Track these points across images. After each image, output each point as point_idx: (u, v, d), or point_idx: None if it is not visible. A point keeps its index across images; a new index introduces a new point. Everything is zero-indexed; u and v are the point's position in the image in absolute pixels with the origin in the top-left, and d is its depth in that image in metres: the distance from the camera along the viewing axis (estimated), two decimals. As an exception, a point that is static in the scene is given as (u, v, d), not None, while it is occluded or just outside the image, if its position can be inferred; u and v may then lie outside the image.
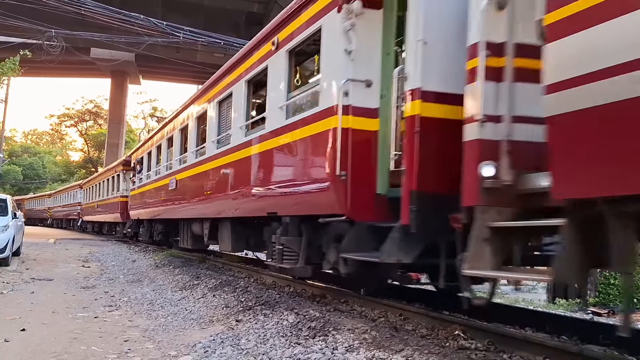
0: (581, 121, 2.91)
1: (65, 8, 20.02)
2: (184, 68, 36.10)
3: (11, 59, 19.15)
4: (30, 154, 74.30)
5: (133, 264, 13.35)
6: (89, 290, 8.80)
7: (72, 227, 38.66)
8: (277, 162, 6.93)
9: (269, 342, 4.77)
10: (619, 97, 2.65)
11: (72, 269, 11.94)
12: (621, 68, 2.63)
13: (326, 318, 5.28)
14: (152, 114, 62.17)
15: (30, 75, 44.07)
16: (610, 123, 2.74)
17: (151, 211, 15.38)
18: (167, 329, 5.78)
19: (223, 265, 11.44)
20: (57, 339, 5.18)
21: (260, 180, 7.36)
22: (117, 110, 48.78)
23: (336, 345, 4.41)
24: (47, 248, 18.03)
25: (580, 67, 2.87)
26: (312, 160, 5.97)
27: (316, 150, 5.82)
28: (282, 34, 6.75)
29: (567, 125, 3.01)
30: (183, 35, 21.78)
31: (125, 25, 21.16)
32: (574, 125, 2.97)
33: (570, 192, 3.09)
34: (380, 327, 4.96)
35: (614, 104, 2.68)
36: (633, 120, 2.59)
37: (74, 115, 68.08)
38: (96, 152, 66.47)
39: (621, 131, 2.70)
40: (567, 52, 2.98)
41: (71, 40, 24.94)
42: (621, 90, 2.62)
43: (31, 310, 6.67)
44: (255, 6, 30.61)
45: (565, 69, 2.98)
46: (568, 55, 2.98)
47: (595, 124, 2.83)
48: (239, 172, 8.06)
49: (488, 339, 4.42)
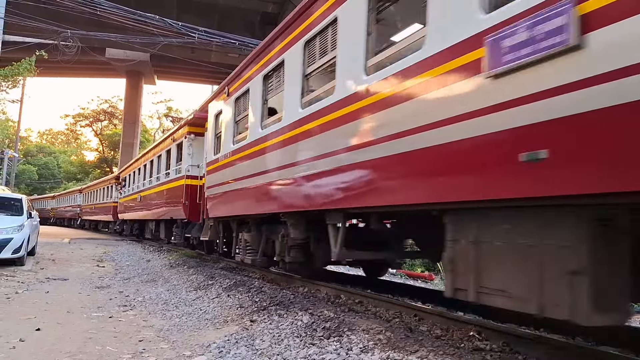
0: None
1: (81, 8, 20.22)
2: (199, 68, 36.30)
3: (27, 59, 19.37)
4: (45, 153, 75.26)
5: (147, 263, 13.42)
6: (104, 290, 8.85)
7: (72, 225, 45.28)
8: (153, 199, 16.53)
9: (283, 343, 4.75)
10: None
11: (87, 269, 12.03)
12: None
13: (340, 318, 5.24)
14: (167, 114, 62.67)
15: (45, 76, 44.57)
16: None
17: (132, 214, 23.03)
18: (181, 329, 5.78)
19: (237, 265, 11.46)
20: (72, 339, 5.20)
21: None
22: (132, 110, 49.19)
23: (351, 345, 4.37)
24: (61, 248, 18.20)
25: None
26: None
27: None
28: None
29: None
30: (198, 36, 21.89)
31: (141, 25, 21.29)
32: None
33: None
34: (395, 328, 4.92)
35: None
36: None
37: (89, 115, 68.80)
38: (111, 152, 67.11)
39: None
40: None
41: (86, 40, 25.16)
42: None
43: (46, 310, 6.71)
44: (270, 6, 30.68)
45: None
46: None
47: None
48: (148, 198, 19.26)
49: (503, 339, 4.38)
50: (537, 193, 3.22)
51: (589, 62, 2.87)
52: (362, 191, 5.17)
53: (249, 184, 8.38)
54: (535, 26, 3.18)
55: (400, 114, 4.50)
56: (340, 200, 5.58)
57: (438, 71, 4.05)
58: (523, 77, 3.27)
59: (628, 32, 2.68)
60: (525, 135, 3.23)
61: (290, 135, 6.84)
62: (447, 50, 3.97)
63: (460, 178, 3.86)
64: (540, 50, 3.13)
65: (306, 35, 6.59)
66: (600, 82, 2.80)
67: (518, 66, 3.28)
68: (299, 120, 6.59)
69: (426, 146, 4.14)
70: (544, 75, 3.12)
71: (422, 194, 4.31)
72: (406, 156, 4.42)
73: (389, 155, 4.66)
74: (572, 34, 2.94)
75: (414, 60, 4.38)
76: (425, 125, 4.14)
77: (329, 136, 5.78)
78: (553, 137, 3.07)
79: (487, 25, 3.57)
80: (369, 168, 5.01)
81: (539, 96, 3.14)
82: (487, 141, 3.52)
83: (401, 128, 4.46)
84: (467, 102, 3.69)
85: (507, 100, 3.36)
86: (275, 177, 7.36)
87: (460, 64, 3.82)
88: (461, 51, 3.81)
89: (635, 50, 2.64)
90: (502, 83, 3.41)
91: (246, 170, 8.56)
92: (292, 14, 7.14)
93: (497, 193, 3.53)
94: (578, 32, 2.92)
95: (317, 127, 6.10)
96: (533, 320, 5.26)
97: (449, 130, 3.87)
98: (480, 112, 3.57)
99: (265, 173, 7.72)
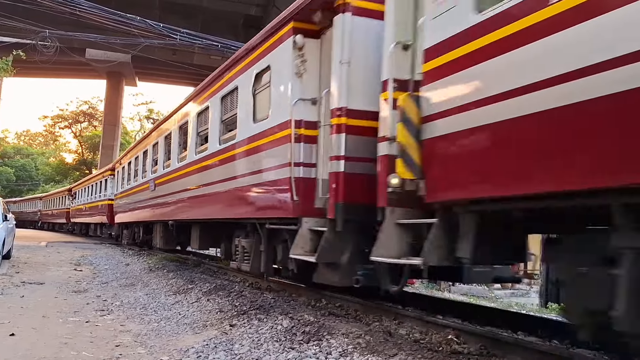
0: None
1: (60, 8, 19.92)
2: (181, 70, 35.98)
3: (3, 59, 19.02)
4: (23, 155, 73.92)
5: (126, 267, 13.25)
6: (81, 294, 8.71)
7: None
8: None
9: (262, 347, 4.72)
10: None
11: (64, 273, 11.83)
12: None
13: (320, 322, 5.24)
14: (148, 116, 62.01)
15: (23, 76, 43.85)
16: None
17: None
18: (159, 334, 5.71)
19: (218, 269, 11.38)
20: (47, 344, 5.11)
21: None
22: (113, 112, 48.54)
23: (330, 350, 4.37)
24: (38, 251, 17.89)
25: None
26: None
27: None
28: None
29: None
30: (180, 38, 21.74)
31: (121, 26, 21.07)
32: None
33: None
34: (374, 332, 4.93)
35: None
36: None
37: (68, 116, 67.68)
38: (91, 154, 66.17)
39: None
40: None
41: (66, 40, 24.83)
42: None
43: (21, 315, 6.59)
44: (253, 9, 30.59)
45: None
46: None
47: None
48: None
49: (481, 343, 4.41)
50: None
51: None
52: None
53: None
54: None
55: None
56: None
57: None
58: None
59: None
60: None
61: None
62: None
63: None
64: None
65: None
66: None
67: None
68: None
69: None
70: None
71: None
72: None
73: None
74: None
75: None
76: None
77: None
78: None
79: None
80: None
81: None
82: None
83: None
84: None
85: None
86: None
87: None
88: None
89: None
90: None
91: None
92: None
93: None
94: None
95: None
96: (511, 324, 5.33)
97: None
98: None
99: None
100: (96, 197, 25.83)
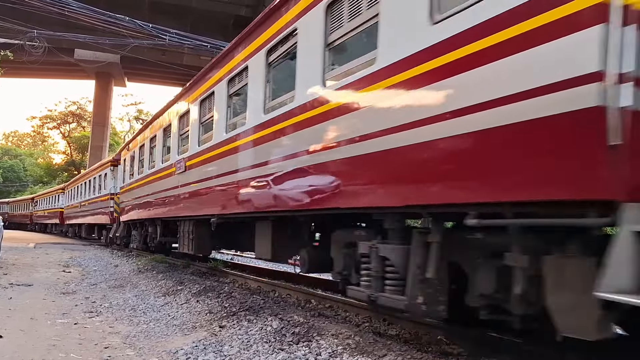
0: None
1: (49, 8, 19.79)
2: (170, 70, 35.86)
3: (-10, 59, 18.83)
4: (10, 156, 73.24)
5: (115, 269, 13.17)
6: (69, 296, 8.65)
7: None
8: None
9: (252, 348, 4.72)
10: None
11: (53, 274, 11.74)
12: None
13: (310, 323, 5.24)
14: (137, 116, 61.63)
15: (11, 76, 43.44)
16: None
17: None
18: (148, 336, 5.69)
19: (207, 270, 11.34)
20: (35, 346, 5.07)
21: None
22: (102, 113, 48.22)
23: (320, 351, 4.38)
24: (26, 252, 17.73)
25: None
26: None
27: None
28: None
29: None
30: (169, 38, 21.66)
31: (110, 26, 20.97)
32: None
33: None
34: (364, 332, 4.95)
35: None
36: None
37: (56, 117, 67.11)
38: (79, 155, 65.65)
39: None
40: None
41: (54, 41, 24.67)
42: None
43: (9, 317, 6.53)
44: (243, 10, 30.58)
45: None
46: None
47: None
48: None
49: (470, 344, 4.43)
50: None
51: None
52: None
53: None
54: None
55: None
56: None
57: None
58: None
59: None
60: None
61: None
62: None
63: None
64: None
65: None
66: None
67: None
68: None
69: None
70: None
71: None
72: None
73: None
74: None
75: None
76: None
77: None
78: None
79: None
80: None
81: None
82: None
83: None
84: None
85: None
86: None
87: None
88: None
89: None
90: None
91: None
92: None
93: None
94: None
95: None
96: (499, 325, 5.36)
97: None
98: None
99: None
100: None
